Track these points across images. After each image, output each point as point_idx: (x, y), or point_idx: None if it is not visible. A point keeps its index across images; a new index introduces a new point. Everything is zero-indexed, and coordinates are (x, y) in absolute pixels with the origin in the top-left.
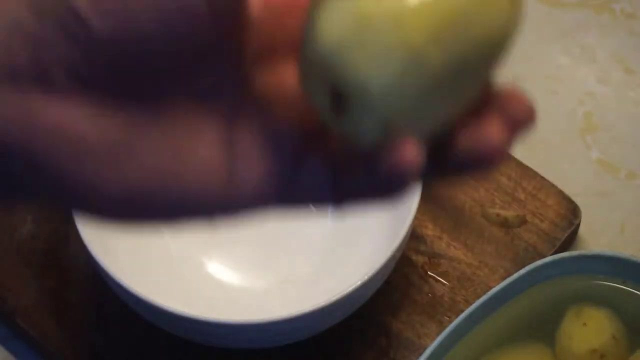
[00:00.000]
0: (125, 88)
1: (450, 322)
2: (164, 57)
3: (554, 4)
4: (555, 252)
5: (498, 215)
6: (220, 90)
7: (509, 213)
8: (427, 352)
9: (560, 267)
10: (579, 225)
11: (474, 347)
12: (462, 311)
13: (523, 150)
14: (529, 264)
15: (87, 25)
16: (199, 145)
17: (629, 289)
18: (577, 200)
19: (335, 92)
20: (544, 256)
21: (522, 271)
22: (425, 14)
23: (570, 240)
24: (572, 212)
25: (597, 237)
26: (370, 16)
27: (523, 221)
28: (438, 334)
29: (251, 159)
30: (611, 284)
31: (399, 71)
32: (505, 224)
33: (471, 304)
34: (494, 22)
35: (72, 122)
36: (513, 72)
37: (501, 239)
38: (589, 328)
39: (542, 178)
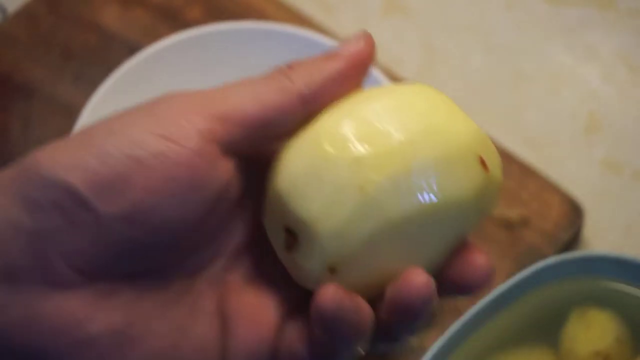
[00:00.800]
0: (128, 269)
1: (451, 323)
2: (172, 235)
3: (557, 1)
4: (558, 253)
5: (500, 215)
6: (217, 262)
7: (512, 213)
8: (428, 354)
9: (564, 268)
10: (582, 225)
11: (475, 350)
12: (463, 313)
13: (526, 150)
14: (532, 265)
15: (91, 208)
16: (196, 323)
17: (633, 290)
18: (581, 200)
19: (288, 229)
20: (547, 257)
21: (525, 272)
22: (386, 163)
23: (574, 241)
24: (575, 212)
25: (601, 237)
26: (328, 159)
27: (526, 221)
28: (439, 336)
29: (244, 335)
30: (615, 285)
31: (350, 215)
32: (507, 224)
33: (473, 306)
34: (462, 186)
35: (73, 313)
36: (516, 71)
37: (504, 239)
38: (593, 330)
39: (545, 178)
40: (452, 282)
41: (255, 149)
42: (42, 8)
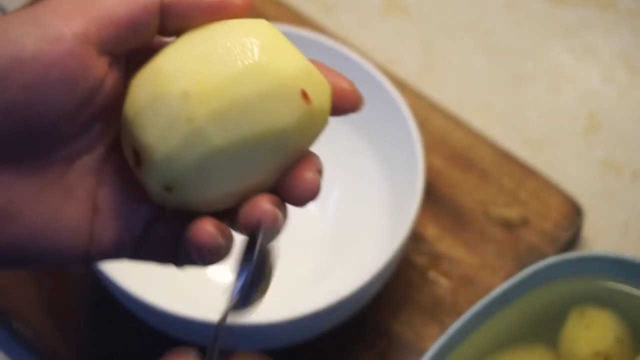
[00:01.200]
0: (9, 155)
1: (451, 323)
2: (49, 126)
3: (558, 1)
4: (558, 253)
5: (500, 215)
6: (93, 153)
7: (511, 213)
8: (428, 354)
9: (563, 268)
10: (581, 225)
11: (475, 349)
12: (463, 312)
13: (525, 150)
14: (532, 264)
15: None
16: (69, 207)
17: (632, 290)
18: (581, 200)
19: (134, 149)
20: (547, 257)
21: (525, 272)
22: (212, 97)
23: (573, 241)
24: (575, 212)
25: (600, 237)
26: (163, 92)
27: (525, 221)
28: (439, 335)
29: (111, 224)
30: (615, 285)
31: (179, 143)
32: (507, 224)
33: (473, 305)
34: (284, 118)
35: None
36: (516, 71)
37: (503, 239)
38: (593, 330)
39: (545, 178)
40: (285, 196)
41: (129, 48)
42: None
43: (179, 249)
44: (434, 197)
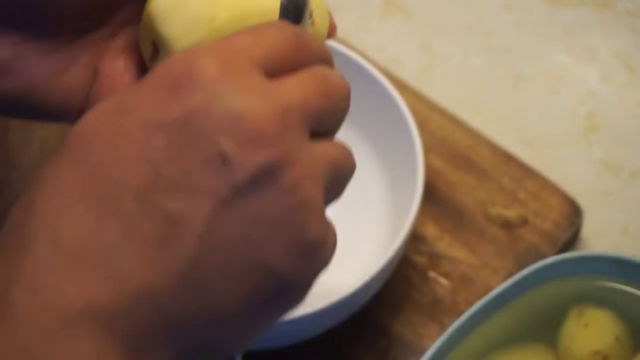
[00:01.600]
0: (20, 24)
1: (451, 323)
2: (62, 8)
3: (556, 2)
4: (558, 253)
5: (499, 215)
6: (101, 29)
7: (511, 213)
8: (428, 353)
9: (563, 267)
10: (581, 225)
11: (475, 349)
12: (463, 312)
13: (525, 150)
14: (531, 264)
15: None
16: (69, 71)
17: (631, 289)
18: (580, 200)
19: (154, 43)
20: (546, 257)
21: (524, 272)
22: (233, 6)
23: (572, 241)
24: (574, 212)
25: (599, 237)
26: None
27: (525, 221)
28: (439, 335)
29: (107, 90)
30: (614, 284)
31: (199, 39)
32: (506, 224)
33: (472, 305)
34: None
35: None
36: (515, 72)
37: (502, 239)
38: (591, 329)
39: (544, 178)
40: None
41: None
42: None
43: None
44: (434, 197)
